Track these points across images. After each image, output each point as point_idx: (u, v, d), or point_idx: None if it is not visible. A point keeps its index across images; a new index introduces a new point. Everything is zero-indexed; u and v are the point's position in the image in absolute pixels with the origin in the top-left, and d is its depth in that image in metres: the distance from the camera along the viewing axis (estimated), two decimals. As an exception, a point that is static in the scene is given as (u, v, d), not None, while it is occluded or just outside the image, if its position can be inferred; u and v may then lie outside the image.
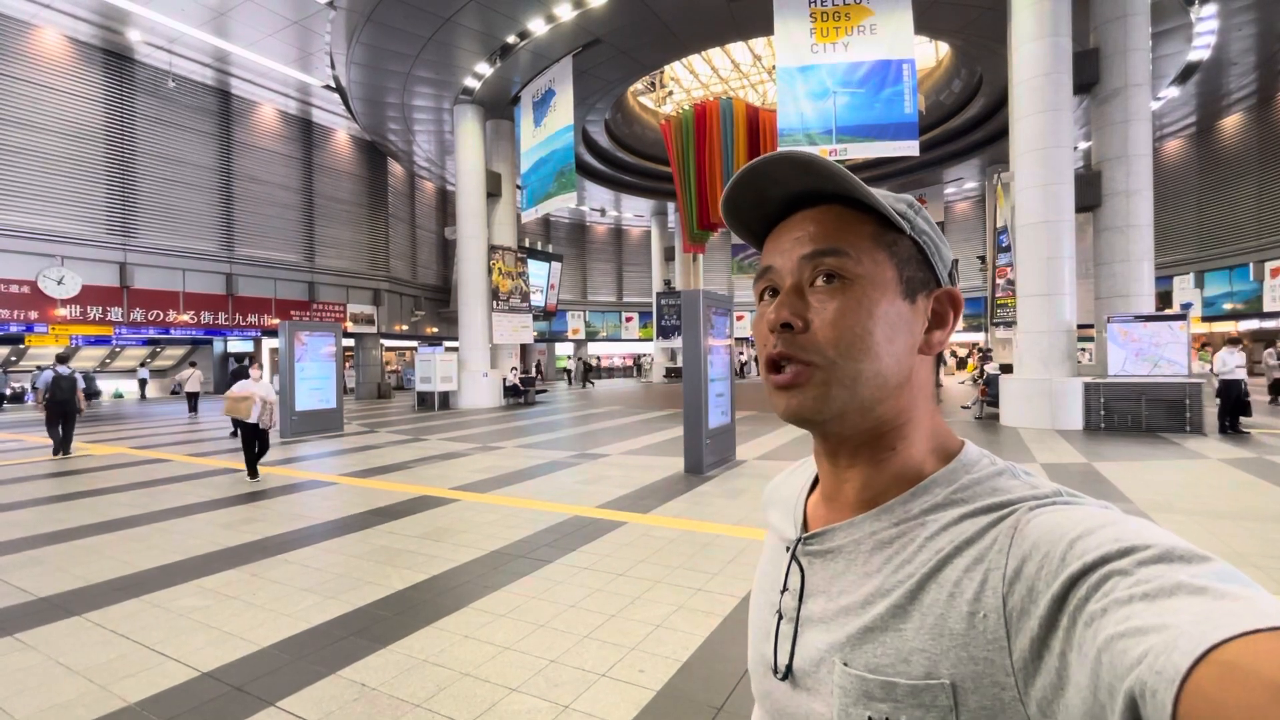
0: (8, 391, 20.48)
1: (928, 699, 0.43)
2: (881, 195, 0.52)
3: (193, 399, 17.24)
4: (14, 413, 19.05)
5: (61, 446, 9.66)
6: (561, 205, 16.92)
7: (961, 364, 31.97)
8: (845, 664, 0.47)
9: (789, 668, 0.53)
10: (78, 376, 10.03)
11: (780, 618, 0.56)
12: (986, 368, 14.03)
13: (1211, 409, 9.70)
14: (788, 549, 0.59)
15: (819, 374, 0.50)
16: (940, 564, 0.45)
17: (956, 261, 0.58)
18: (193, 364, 18.93)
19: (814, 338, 0.51)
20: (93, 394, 20.94)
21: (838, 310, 0.51)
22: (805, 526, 0.59)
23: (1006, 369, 13.40)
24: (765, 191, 0.55)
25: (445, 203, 30.88)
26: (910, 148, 11.91)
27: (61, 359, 10.17)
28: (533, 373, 28.12)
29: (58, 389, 9.63)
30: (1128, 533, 0.38)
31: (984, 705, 0.41)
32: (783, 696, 0.54)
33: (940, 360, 21.66)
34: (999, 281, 20.53)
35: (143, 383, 24.85)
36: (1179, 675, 0.28)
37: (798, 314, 0.52)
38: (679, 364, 30.34)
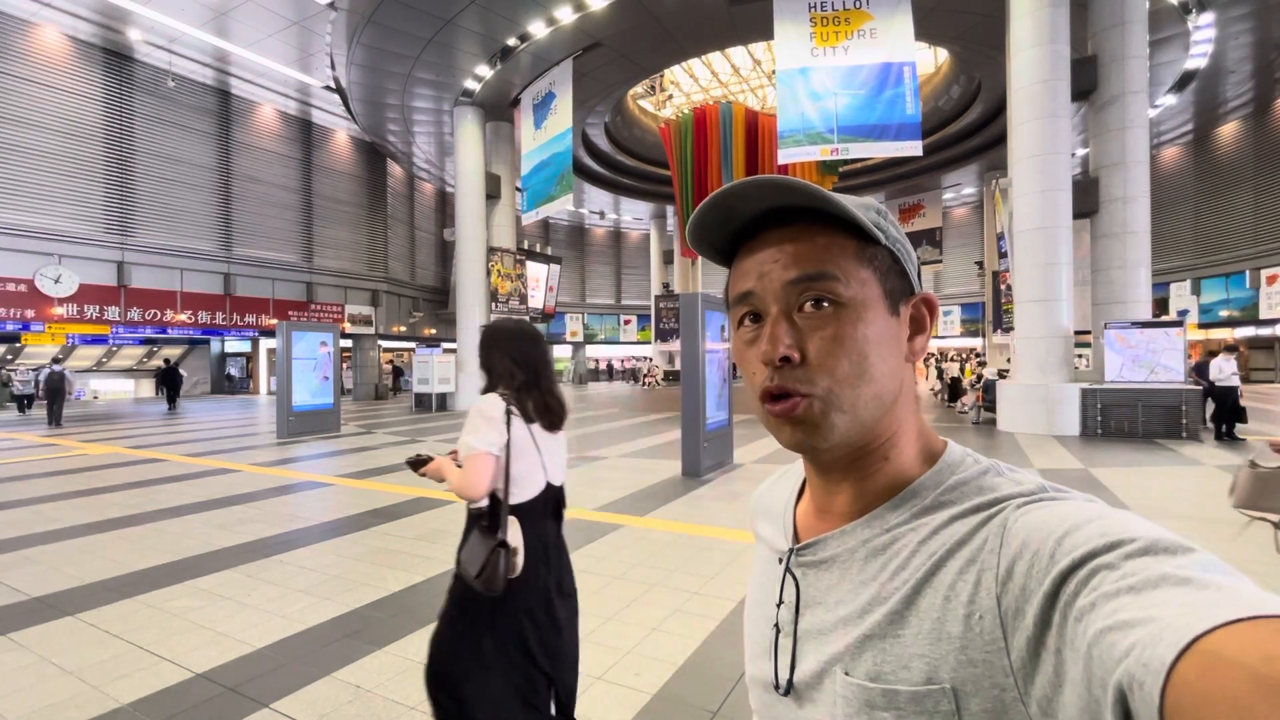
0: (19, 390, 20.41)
1: (930, 705, 0.42)
2: (850, 203, 0.50)
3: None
4: (9, 411, 18.94)
5: (55, 420, 14.21)
6: (560, 208, 16.95)
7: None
8: (846, 674, 0.47)
9: (790, 682, 0.52)
10: (65, 372, 15.46)
11: (778, 631, 0.55)
12: (984, 373, 14.06)
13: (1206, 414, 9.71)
14: (780, 560, 0.58)
15: (820, 403, 0.49)
16: (934, 568, 0.45)
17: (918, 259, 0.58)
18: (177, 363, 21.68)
19: (813, 370, 0.49)
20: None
21: (833, 339, 0.49)
22: (796, 537, 0.58)
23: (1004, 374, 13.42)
24: (733, 209, 0.53)
25: (444, 204, 30.85)
26: (913, 148, 11.89)
27: (54, 360, 14.33)
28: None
29: (50, 380, 14.67)
30: (1113, 526, 0.38)
31: (986, 708, 0.40)
32: (785, 711, 0.53)
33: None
34: (1002, 287, 20.56)
35: (94, 395, 26.39)
36: (1165, 667, 0.28)
37: (795, 346, 0.50)
38: (677, 367, 30.30)
